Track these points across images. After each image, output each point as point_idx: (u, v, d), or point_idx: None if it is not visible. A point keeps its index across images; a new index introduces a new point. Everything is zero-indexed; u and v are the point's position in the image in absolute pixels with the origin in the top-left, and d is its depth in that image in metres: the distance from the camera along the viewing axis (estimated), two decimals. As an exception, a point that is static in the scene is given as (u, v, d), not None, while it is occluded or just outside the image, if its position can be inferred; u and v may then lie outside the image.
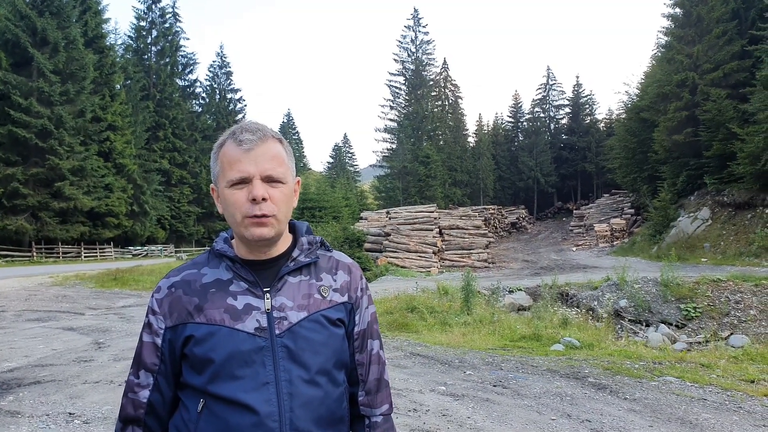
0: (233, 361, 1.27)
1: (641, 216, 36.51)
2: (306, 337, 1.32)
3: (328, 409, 1.33)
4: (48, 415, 5.13)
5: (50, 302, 14.35)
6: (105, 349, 8.31)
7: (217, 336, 1.28)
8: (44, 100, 33.76)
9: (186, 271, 1.39)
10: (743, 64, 26.30)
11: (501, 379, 6.67)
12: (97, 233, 39.11)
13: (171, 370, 1.36)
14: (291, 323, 1.32)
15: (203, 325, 1.30)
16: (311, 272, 1.42)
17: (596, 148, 60.56)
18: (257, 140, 1.32)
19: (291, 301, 1.34)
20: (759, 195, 22.68)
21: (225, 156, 1.33)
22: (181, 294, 1.35)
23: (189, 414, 1.31)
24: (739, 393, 6.09)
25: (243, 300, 1.32)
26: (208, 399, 1.28)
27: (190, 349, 1.31)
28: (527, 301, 14.08)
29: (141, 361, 1.37)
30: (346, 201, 51.97)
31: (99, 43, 41.03)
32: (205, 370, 1.29)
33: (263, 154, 1.31)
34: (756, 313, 11.83)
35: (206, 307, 1.31)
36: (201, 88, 60.46)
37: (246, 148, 1.30)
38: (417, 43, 60.94)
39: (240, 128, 1.35)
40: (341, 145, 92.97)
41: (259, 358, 1.28)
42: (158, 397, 1.36)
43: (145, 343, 1.36)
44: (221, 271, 1.37)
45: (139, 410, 1.36)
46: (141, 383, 1.36)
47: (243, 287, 1.34)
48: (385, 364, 1.55)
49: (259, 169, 1.30)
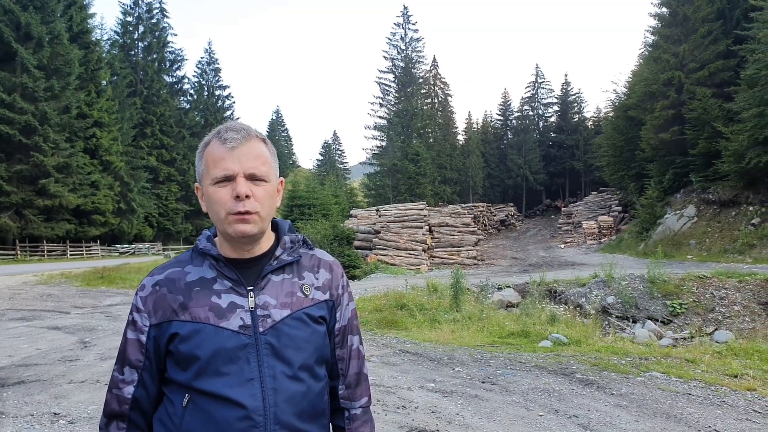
0: (218, 358, 1.30)
1: (628, 213, 36.78)
2: (289, 334, 1.35)
3: (310, 403, 1.37)
4: (32, 415, 5.08)
5: (35, 301, 14.21)
6: (91, 348, 8.24)
7: (202, 334, 1.31)
8: (28, 96, 33.34)
9: (170, 269, 1.41)
10: (728, 64, 26.57)
11: (489, 376, 6.70)
12: (83, 231, 38.73)
13: (155, 366, 1.38)
14: (274, 321, 1.35)
15: (188, 323, 1.32)
16: (294, 271, 1.45)
17: (584, 146, 60.93)
18: (241, 139, 1.34)
19: (274, 299, 1.37)
20: (743, 193, 22.95)
21: (209, 155, 1.36)
22: (165, 292, 1.36)
23: (174, 408, 1.33)
24: (723, 387, 6.16)
25: (227, 298, 1.35)
26: (194, 394, 1.31)
27: (175, 346, 1.33)
28: (516, 298, 14.14)
29: (125, 358, 1.38)
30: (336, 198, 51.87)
31: (84, 39, 40.60)
32: (190, 366, 1.31)
33: (247, 153, 1.34)
34: (740, 309, 11.97)
35: (191, 305, 1.33)
36: (189, 84, 60.30)
37: (230, 147, 1.33)
38: (407, 41, 60.99)
39: (225, 128, 1.38)
40: (331, 143, 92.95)
41: (243, 355, 1.31)
42: (143, 392, 1.38)
43: (130, 340, 1.38)
44: (205, 270, 1.39)
45: (124, 406, 1.38)
46: (125, 379, 1.38)
47: (227, 286, 1.36)
48: (365, 358, 1.59)
49: (243, 167, 1.32)
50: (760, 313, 11.78)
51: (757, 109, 20.62)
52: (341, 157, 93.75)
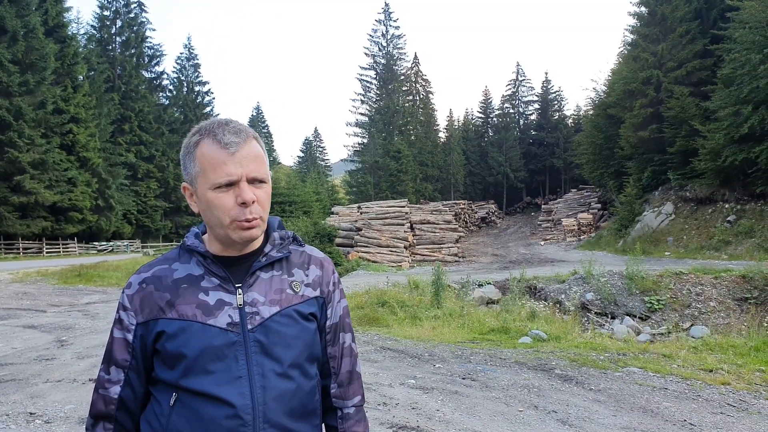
0: (206, 356, 1.27)
1: (608, 211, 37.19)
2: (278, 331, 1.33)
3: (301, 402, 1.34)
4: (8, 415, 5.00)
5: (10, 299, 13.97)
6: (68, 347, 8.12)
7: (189, 331, 1.28)
8: (2, 91, 32.60)
9: (157, 266, 1.38)
10: (705, 63, 26.97)
11: (470, 372, 6.73)
12: (59, 228, 38.08)
13: (142, 365, 1.35)
14: (263, 318, 1.32)
15: (175, 320, 1.29)
16: (283, 267, 1.42)
17: (564, 144, 61.50)
18: (241, 142, 1.30)
19: (263, 296, 1.35)
20: (719, 190, 23.32)
21: (206, 157, 1.29)
22: (152, 290, 1.34)
23: (161, 407, 1.30)
24: (699, 382, 6.26)
25: (215, 296, 1.32)
26: (181, 393, 1.28)
27: (162, 344, 1.30)
28: (496, 294, 14.22)
29: (112, 357, 1.36)
30: (317, 195, 51.81)
31: (60, 33, 39.78)
32: (177, 365, 1.28)
33: (247, 156, 1.29)
34: (715, 305, 12.17)
35: (178, 302, 1.31)
36: (168, 80, 59.39)
37: (231, 152, 1.27)
38: (388, 38, 60.95)
39: (220, 128, 1.31)
40: (312, 139, 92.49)
41: (231, 352, 1.28)
42: (129, 392, 1.35)
43: (116, 339, 1.35)
44: (192, 267, 1.36)
45: (110, 406, 1.35)
46: (112, 379, 1.35)
47: (215, 283, 1.34)
48: (357, 356, 1.56)
49: (245, 171, 1.28)
50: (735, 309, 11.99)
51: (732, 108, 20.94)
52: (322, 153, 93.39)
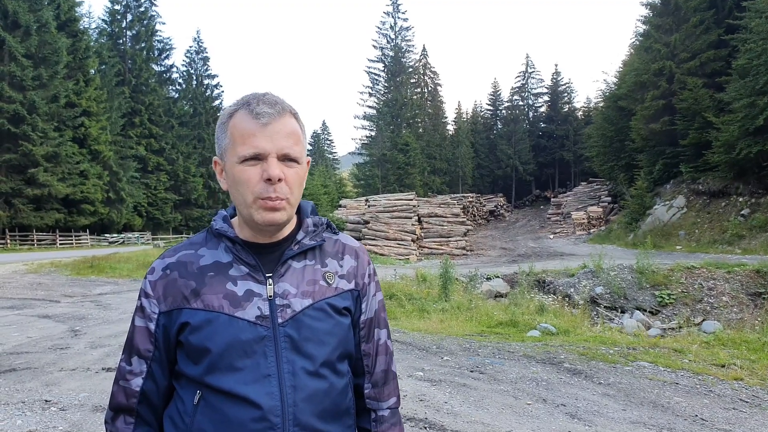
0: (232, 352, 1.18)
1: (618, 204, 36.96)
2: (310, 326, 1.23)
3: (333, 402, 1.25)
4: (24, 402, 5.07)
5: (25, 290, 14.12)
6: (81, 337, 8.21)
7: (215, 324, 1.19)
8: (16, 85, 33.01)
9: (182, 251, 1.29)
10: (719, 54, 26.61)
11: (478, 365, 6.74)
12: (72, 220, 38.47)
13: (166, 357, 1.26)
14: (295, 311, 1.23)
15: (200, 311, 1.21)
16: (316, 257, 1.33)
17: (574, 137, 61.11)
18: (275, 114, 1.21)
19: (295, 287, 1.25)
20: (733, 183, 23.08)
21: (236, 128, 1.21)
22: (176, 276, 1.25)
23: (185, 406, 1.22)
24: (710, 377, 6.23)
25: (243, 286, 1.23)
26: (205, 391, 1.20)
27: (186, 336, 1.21)
28: (504, 288, 14.22)
29: (133, 347, 1.27)
30: (325, 188, 51.79)
31: (72, 27, 40.03)
32: (201, 359, 1.20)
33: (280, 130, 1.20)
34: (728, 300, 12.09)
35: (204, 291, 1.22)
36: (177, 73, 59.57)
37: (263, 123, 1.19)
38: (396, 30, 60.70)
39: (255, 98, 1.23)
40: (320, 132, 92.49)
41: (260, 348, 1.19)
42: (152, 385, 1.27)
43: (138, 327, 1.27)
44: (220, 253, 1.27)
45: (132, 399, 1.27)
46: (134, 370, 1.27)
47: (244, 272, 1.25)
48: (393, 354, 1.46)
49: (275, 146, 1.19)
50: (749, 304, 11.90)
51: (748, 99, 20.69)
52: (330, 146, 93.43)
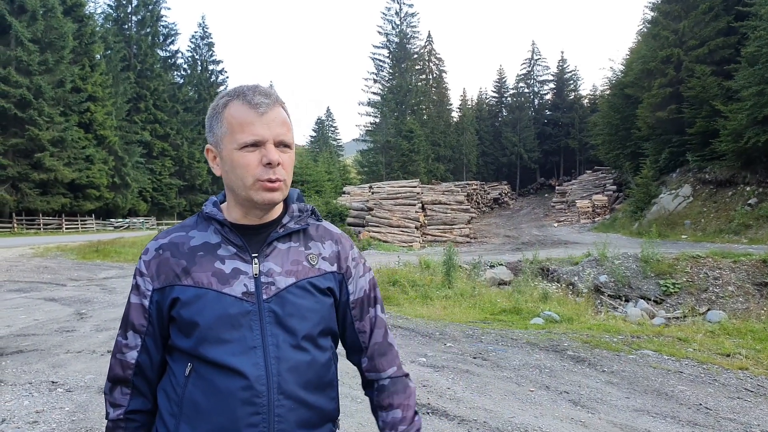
0: (220, 325, 1.27)
1: (623, 192, 36.84)
2: (293, 302, 1.32)
3: (316, 374, 1.34)
4: (31, 383, 5.13)
5: (31, 273, 14.22)
6: (87, 320, 8.27)
7: (204, 299, 1.28)
8: (23, 70, 33.07)
9: (174, 233, 1.39)
10: (729, 41, 26.22)
11: (481, 352, 6.76)
12: (78, 205, 38.68)
13: (159, 332, 1.36)
14: (279, 289, 1.32)
15: (190, 287, 1.30)
16: (300, 239, 1.42)
17: (580, 125, 60.77)
18: (271, 104, 1.31)
19: (279, 266, 1.35)
20: (740, 173, 22.93)
21: (234, 117, 1.31)
22: (168, 256, 1.34)
23: (176, 378, 1.31)
24: (715, 366, 6.23)
25: (231, 264, 1.32)
26: (196, 362, 1.29)
27: (177, 311, 1.31)
28: (508, 275, 14.22)
29: (129, 322, 1.37)
30: (329, 175, 51.79)
31: (78, 12, 39.97)
32: (192, 333, 1.29)
33: (275, 119, 1.31)
34: (734, 290, 12.06)
35: (194, 269, 1.31)
36: (182, 59, 59.45)
37: (261, 112, 1.29)
38: (401, 16, 60.32)
39: (250, 90, 1.33)
40: (324, 119, 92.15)
41: (246, 322, 1.28)
42: (146, 358, 1.36)
43: (133, 304, 1.37)
44: (209, 235, 1.37)
45: (128, 371, 1.37)
46: (129, 344, 1.37)
47: (231, 251, 1.34)
48: (387, 326, 1.55)
49: (272, 133, 1.29)
50: (755, 294, 11.87)
51: (757, 88, 20.45)
52: (334, 133, 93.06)
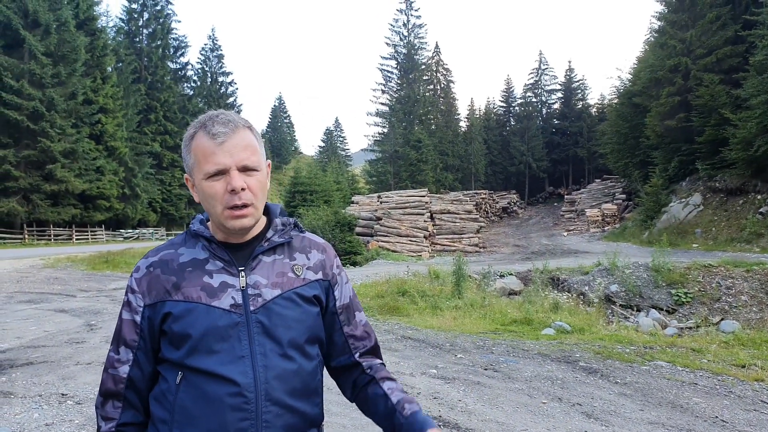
0: (210, 336, 1.32)
1: (633, 201, 36.62)
2: (280, 313, 1.37)
3: (302, 381, 1.39)
4: (41, 395, 5.12)
5: (42, 284, 14.29)
6: (97, 331, 8.29)
7: (195, 313, 1.33)
8: (36, 82, 33.47)
9: (164, 251, 1.44)
10: (736, 50, 26.19)
11: (492, 363, 6.71)
12: (88, 216, 38.93)
13: (150, 346, 1.40)
14: (265, 300, 1.37)
15: (181, 302, 1.35)
16: (285, 252, 1.47)
17: (588, 134, 60.54)
18: (230, 132, 1.35)
19: (265, 279, 1.39)
20: (751, 181, 22.76)
21: (198, 149, 1.36)
22: (159, 273, 1.39)
23: (168, 385, 1.35)
24: (730, 377, 6.14)
25: (219, 278, 1.37)
26: (187, 372, 1.33)
27: (169, 325, 1.35)
28: (518, 285, 14.13)
29: (121, 338, 1.41)
30: (338, 185, 51.80)
31: (90, 26, 40.51)
32: (182, 345, 1.33)
33: (236, 145, 1.35)
34: (747, 299, 11.92)
35: (183, 285, 1.36)
36: (192, 71, 60.03)
37: (219, 141, 1.34)
38: (409, 27, 60.46)
39: (210, 120, 1.38)
40: (333, 129, 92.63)
41: (234, 333, 1.33)
42: (138, 372, 1.40)
43: (125, 320, 1.41)
44: (198, 251, 1.42)
45: (119, 385, 1.40)
46: (121, 359, 1.41)
47: (219, 266, 1.39)
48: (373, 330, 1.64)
49: (234, 160, 1.34)
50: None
51: (765, 96, 20.33)
52: (343, 143, 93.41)
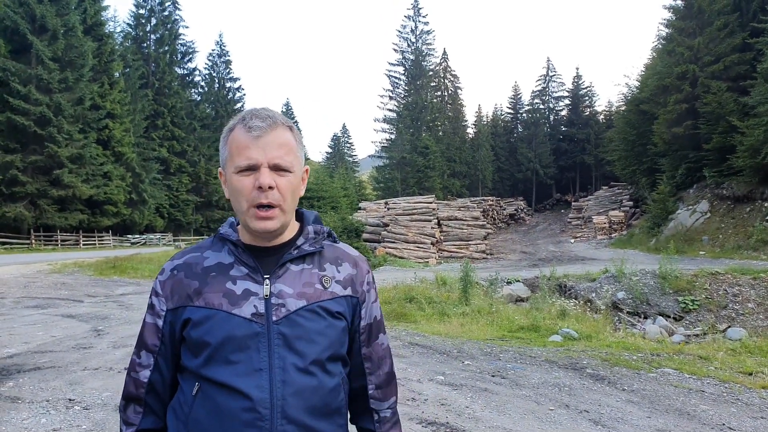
0: (228, 346, 1.27)
1: (640, 208, 36.54)
2: (303, 325, 1.31)
3: (322, 400, 1.31)
4: (48, 401, 5.14)
5: (49, 289, 14.33)
6: (104, 336, 8.31)
7: (214, 320, 1.29)
8: (43, 88, 33.64)
9: (189, 254, 1.41)
10: (744, 57, 26.16)
11: (499, 369, 6.69)
12: (95, 221, 39.06)
13: (171, 351, 1.38)
14: (289, 311, 1.31)
15: (201, 308, 1.31)
16: (314, 262, 1.40)
17: (595, 140, 60.53)
18: (267, 127, 1.30)
19: (291, 288, 1.33)
20: (758, 188, 22.69)
21: (234, 141, 1.33)
22: (182, 277, 1.36)
23: (185, 397, 1.32)
24: (737, 385, 6.11)
25: (242, 285, 1.32)
26: (203, 382, 1.29)
27: (188, 332, 1.32)
28: (525, 292, 14.10)
29: (143, 342, 1.39)
30: (345, 191, 51.97)
31: (98, 31, 40.75)
32: (200, 353, 1.29)
33: (272, 142, 1.30)
34: (754, 306, 11.86)
35: (205, 290, 1.32)
36: (200, 76, 60.20)
37: (255, 135, 1.29)
38: (417, 33, 60.73)
39: (250, 114, 1.34)
40: (340, 135, 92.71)
41: (254, 343, 1.27)
42: (158, 377, 1.38)
43: (147, 324, 1.39)
44: (223, 255, 1.37)
45: (140, 389, 1.38)
46: (142, 363, 1.39)
47: (243, 272, 1.34)
48: (392, 356, 1.57)
49: (267, 156, 1.29)
50: (775, 311, 11.65)
51: (773, 104, 20.36)
52: (350, 149, 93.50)
